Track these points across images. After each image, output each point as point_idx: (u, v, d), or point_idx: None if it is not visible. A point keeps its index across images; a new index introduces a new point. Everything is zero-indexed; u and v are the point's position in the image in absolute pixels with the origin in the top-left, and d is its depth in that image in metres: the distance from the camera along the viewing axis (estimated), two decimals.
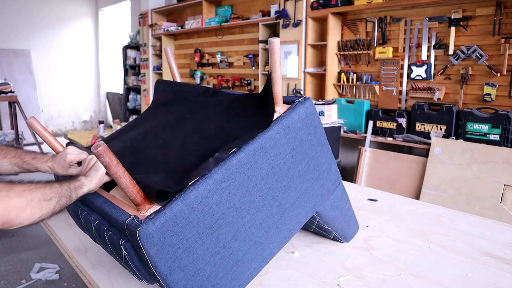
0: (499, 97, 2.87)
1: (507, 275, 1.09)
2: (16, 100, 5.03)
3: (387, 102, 3.51)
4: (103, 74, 8.32)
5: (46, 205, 0.82)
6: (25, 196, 0.79)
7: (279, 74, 0.99)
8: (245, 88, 4.75)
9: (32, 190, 0.81)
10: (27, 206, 0.79)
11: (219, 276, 0.90)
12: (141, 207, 0.85)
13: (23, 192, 0.79)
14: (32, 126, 1.07)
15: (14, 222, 0.77)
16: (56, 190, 0.85)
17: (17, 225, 0.78)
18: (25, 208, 0.79)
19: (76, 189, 0.89)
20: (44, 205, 0.82)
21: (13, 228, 0.79)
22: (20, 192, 0.79)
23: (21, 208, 0.78)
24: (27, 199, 0.79)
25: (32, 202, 0.80)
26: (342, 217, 1.23)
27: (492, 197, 2.69)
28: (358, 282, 1.07)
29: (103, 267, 1.18)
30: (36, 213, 0.80)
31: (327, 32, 3.73)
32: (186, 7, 5.65)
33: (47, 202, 0.82)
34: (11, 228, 0.78)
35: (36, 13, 7.39)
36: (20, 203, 0.78)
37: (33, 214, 0.80)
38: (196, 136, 1.07)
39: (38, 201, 0.81)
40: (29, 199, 0.79)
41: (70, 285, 2.51)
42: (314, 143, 1.06)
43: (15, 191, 0.78)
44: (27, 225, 0.80)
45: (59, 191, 0.85)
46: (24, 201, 0.79)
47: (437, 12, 3.13)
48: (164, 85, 1.41)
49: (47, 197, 0.83)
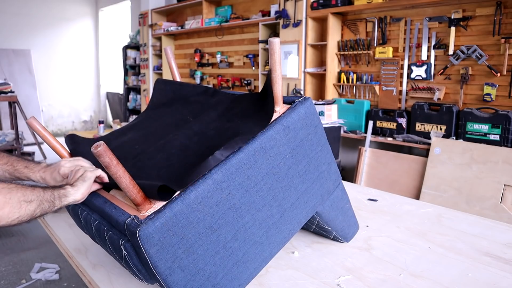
0: (499, 97, 2.87)
1: (507, 275, 1.09)
2: (16, 100, 5.03)
3: (387, 102, 3.51)
4: (103, 74, 8.33)
5: (25, 207, 0.79)
6: (3, 194, 0.76)
7: (279, 74, 0.99)
8: (245, 88, 4.75)
9: (12, 189, 0.78)
10: (5, 204, 0.76)
11: (219, 276, 0.90)
12: (141, 207, 0.85)
13: (2, 189, 0.76)
14: (32, 126, 1.07)
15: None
16: (38, 193, 0.82)
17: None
18: (3, 206, 0.75)
19: (60, 197, 0.86)
20: (23, 206, 0.78)
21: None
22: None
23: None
24: (6, 197, 0.76)
25: (10, 201, 0.76)
26: (342, 217, 1.23)
27: (492, 197, 2.69)
28: (358, 282, 1.07)
29: (103, 267, 1.18)
30: (14, 213, 0.77)
31: (327, 32, 3.73)
32: (186, 7, 5.65)
33: (27, 203, 0.79)
34: None
35: (36, 13, 7.39)
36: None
37: (10, 213, 0.76)
38: (196, 137, 1.07)
39: (18, 201, 0.78)
40: (7, 197, 0.76)
41: (70, 285, 2.51)
42: (314, 143, 1.06)
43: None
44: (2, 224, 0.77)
45: (41, 195, 0.82)
46: (2, 198, 0.75)
47: (437, 12, 3.13)
48: (164, 85, 1.40)
49: (28, 199, 0.79)
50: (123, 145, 1.18)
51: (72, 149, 1.17)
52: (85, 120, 8.29)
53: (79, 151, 1.14)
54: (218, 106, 1.17)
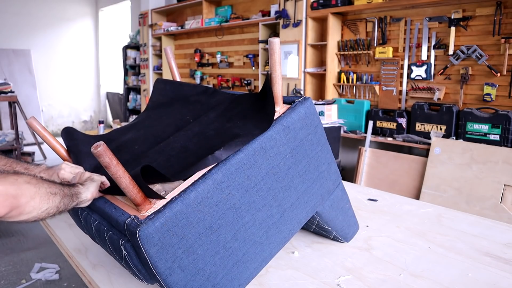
0: (499, 97, 2.87)
1: (507, 275, 1.09)
2: (16, 100, 5.03)
3: (387, 102, 3.51)
4: (103, 74, 8.33)
5: (52, 198, 0.79)
6: (33, 184, 0.76)
7: (279, 74, 0.99)
8: (245, 88, 4.75)
9: (38, 180, 0.78)
10: (36, 194, 0.75)
11: (219, 276, 0.90)
12: (141, 207, 0.85)
13: (31, 180, 0.76)
14: (32, 126, 1.07)
15: (23, 209, 0.73)
16: (60, 188, 0.82)
17: (25, 213, 0.74)
18: (34, 196, 0.75)
19: (76, 195, 0.87)
20: (51, 198, 0.78)
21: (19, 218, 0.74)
22: (28, 180, 0.75)
23: (30, 195, 0.74)
24: (35, 188, 0.76)
25: (40, 191, 0.76)
26: (342, 217, 1.23)
27: (492, 197, 2.69)
28: (358, 282, 1.07)
29: (103, 267, 1.18)
30: (44, 204, 0.76)
31: (327, 32, 3.73)
32: (186, 7, 5.65)
33: (53, 195, 0.79)
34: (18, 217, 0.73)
35: (36, 13, 7.39)
36: (30, 189, 0.74)
37: (41, 204, 0.76)
38: (196, 138, 1.06)
39: (46, 192, 0.77)
40: (37, 188, 0.76)
41: (70, 285, 2.51)
42: (314, 143, 1.06)
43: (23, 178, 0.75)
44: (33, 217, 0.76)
45: (62, 190, 0.83)
46: (33, 188, 0.75)
47: (437, 12, 3.13)
48: (164, 84, 1.40)
49: (53, 191, 0.79)
50: (123, 145, 1.18)
51: (69, 146, 1.15)
52: (85, 120, 8.29)
53: (79, 150, 1.14)
54: (218, 106, 1.17)
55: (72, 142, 1.16)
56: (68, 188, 0.86)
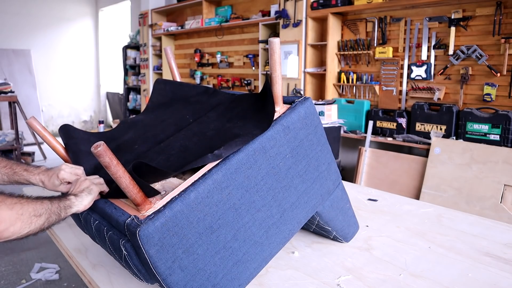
0: (499, 97, 2.87)
1: (507, 275, 1.09)
2: (16, 100, 5.03)
3: (387, 102, 3.51)
4: (103, 74, 8.32)
5: (35, 221, 0.80)
6: (16, 210, 0.77)
7: (279, 74, 0.99)
8: (245, 88, 4.75)
9: (24, 204, 0.79)
10: (17, 220, 0.77)
11: (219, 276, 0.90)
12: (141, 207, 0.85)
13: (14, 205, 0.77)
14: (32, 126, 1.07)
15: (1, 235, 0.75)
16: (47, 206, 0.83)
17: (3, 238, 0.76)
18: (15, 222, 0.76)
19: (66, 208, 0.87)
20: (33, 221, 0.80)
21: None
22: (12, 205, 0.77)
23: (11, 221, 0.76)
24: (18, 213, 0.77)
25: (22, 216, 0.78)
26: (342, 217, 1.23)
27: (492, 197, 2.69)
28: (358, 282, 1.07)
29: (103, 267, 1.18)
30: (24, 228, 0.78)
31: (327, 32, 3.73)
32: (186, 7, 5.65)
33: (37, 218, 0.80)
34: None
35: (36, 13, 7.39)
36: (11, 216, 0.76)
37: (21, 229, 0.78)
38: (196, 138, 1.06)
39: (29, 216, 0.79)
40: (19, 213, 0.77)
41: (70, 285, 2.51)
42: (314, 143, 1.06)
43: (6, 203, 0.76)
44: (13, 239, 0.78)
45: (49, 208, 0.83)
46: (15, 214, 0.77)
47: (437, 12, 3.13)
48: (164, 84, 1.40)
49: (38, 213, 0.81)
50: (123, 145, 1.18)
51: (67, 144, 1.15)
52: (85, 120, 8.29)
53: (79, 149, 1.13)
54: (218, 106, 1.17)
55: (71, 141, 1.15)
56: (58, 203, 0.86)
